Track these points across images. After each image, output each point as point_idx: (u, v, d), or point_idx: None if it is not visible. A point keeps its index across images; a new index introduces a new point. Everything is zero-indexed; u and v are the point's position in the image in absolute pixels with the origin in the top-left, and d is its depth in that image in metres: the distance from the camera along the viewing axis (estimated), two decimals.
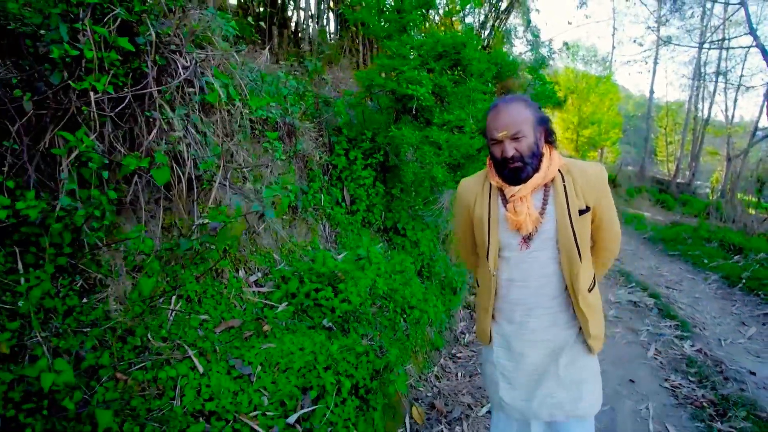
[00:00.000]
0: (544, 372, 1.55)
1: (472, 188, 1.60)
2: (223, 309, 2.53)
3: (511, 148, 1.40)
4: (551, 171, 1.45)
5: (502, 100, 1.46)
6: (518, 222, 1.44)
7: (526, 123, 1.40)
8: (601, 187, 1.45)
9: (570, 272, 1.44)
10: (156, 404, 1.81)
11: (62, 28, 1.69)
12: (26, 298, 1.72)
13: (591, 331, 1.49)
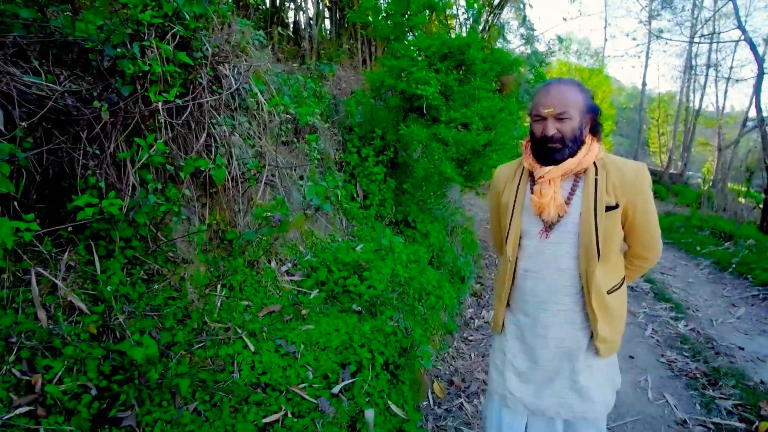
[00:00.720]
0: (557, 372, 1.51)
1: (505, 174, 1.58)
2: (262, 296, 2.78)
3: (553, 127, 1.35)
4: (587, 160, 1.39)
5: (556, 80, 1.43)
6: (541, 204, 1.40)
7: (574, 106, 1.35)
8: (637, 187, 1.37)
9: (586, 268, 1.39)
10: (220, 377, 2.06)
11: (135, 47, 1.92)
12: (107, 285, 1.96)
13: (600, 332, 1.43)
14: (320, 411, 2.08)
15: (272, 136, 3.13)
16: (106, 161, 2.12)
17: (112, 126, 2.04)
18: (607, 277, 1.41)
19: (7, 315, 1.71)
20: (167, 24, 2.05)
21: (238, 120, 2.50)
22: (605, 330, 1.44)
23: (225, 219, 2.77)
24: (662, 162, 26.65)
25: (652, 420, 2.73)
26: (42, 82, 2.00)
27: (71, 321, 1.86)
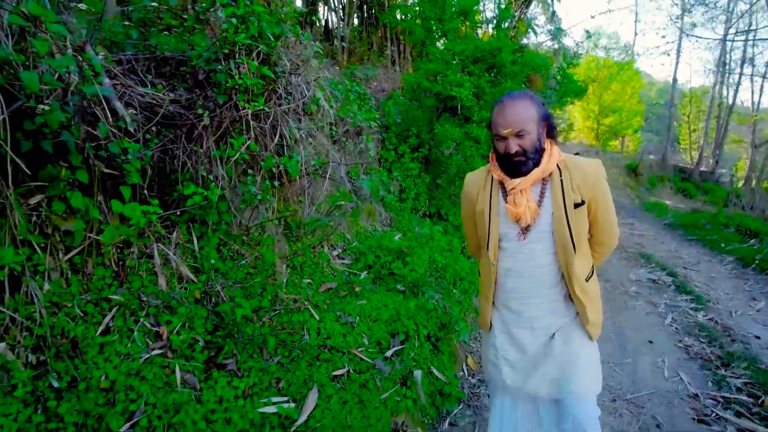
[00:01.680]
0: (543, 354, 1.61)
1: (476, 182, 1.66)
2: (320, 275, 3.20)
3: (515, 144, 1.43)
4: (550, 165, 1.49)
5: (508, 96, 1.49)
6: (518, 213, 1.49)
7: (530, 121, 1.43)
8: (595, 182, 1.48)
9: (565, 262, 1.50)
10: (295, 338, 2.48)
11: (231, 64, 2.34)
12: (207, 259, 2.40)
13: (589, 317, 1.54)
14: (377, 369, 2.48)
15: (326, 135, 3.54)
16: (201, 158, 2.55)
17: (207, 129, 2.47)
18: (582, 266, 1.53)
19: (138, 280, 2.16)
20: (254, 43, 2.46)
21: (304, 122, 2.91)
22: (593, 314, 1.55)
23: (290, 208, 3.19)
24: (692, 159, 26.06)
25: (666, 393, 3.03)
26: (152, 92, 2.44)
27: (181, 287, 2.31)
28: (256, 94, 2.53)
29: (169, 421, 1.78)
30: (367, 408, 2.18)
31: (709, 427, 2.68)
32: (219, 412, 1.89)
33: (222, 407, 1.91)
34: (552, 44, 14.25)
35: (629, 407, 2.91)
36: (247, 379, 2.10)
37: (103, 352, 1.86)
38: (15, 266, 1.67)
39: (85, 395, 1.70)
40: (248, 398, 2.02)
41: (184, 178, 2.51)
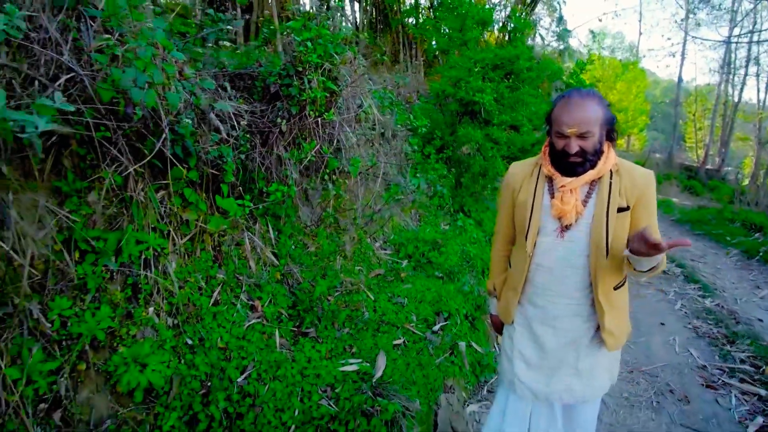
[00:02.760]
0: (562, 360, 1.59)
1: (521, 172, 1.63)
2: (368, 263, 3.61)
3: (576, 145, 1.40)
4: (604, 168, 1.46)
5: (577, 92, 1.45)
6: (564, 211, 1.47)
7: (596, 122, 1.39)
8: (643, 190, 1.45)
9: (595, 264, 1.46)
10: (358, 314, 2.89)
11: (305, 79, 2.76)
12: (284, 247, 2.82)
13: (606, 324, 1.51)
14: (428, 340, 2.89)
15: (369, 139, 3.95)
16: (274, 160, 2.97)
17: (281, 135, 2.89)
18: (614, 273, 1.48)
19: (231, 263, 2.58)
20: (320, 61, 2.87)
21: (357, 128, 3.33)
22: (612, 323, 1.51)
23: (342, 204, 3.61)
24: (699, 157, 26.22)
25: (677, 365, 3.42)
26: (236, 104, 2.86)
27: (266, 270, 2.72)
28: (320, 105, 2.95)
29: (274, 374, 2.19)
30: (425, 369, 2.59)
31: (716, 391, 3.07)
32: (309, 369, 2.30)
33: (311, 365, 2.33)
34: (558, 45, 14.62)
35: (645, 377, 3.30)
36: (326, 345, 2.52)
37: (216, 319, 2.28)
38: (156, 247, 2.09)
39: (209, 352, 2.12)
40: (330, 359, 2.43)
41: (259, 178, 2.93)
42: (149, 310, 2.00)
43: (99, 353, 1.81)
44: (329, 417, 2.09)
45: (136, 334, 1.92)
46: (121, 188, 2.02)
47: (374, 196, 3.51)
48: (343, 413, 2.09)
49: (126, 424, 1.76)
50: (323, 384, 2.25)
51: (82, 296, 1.81)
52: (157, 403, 1.85)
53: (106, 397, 1.77)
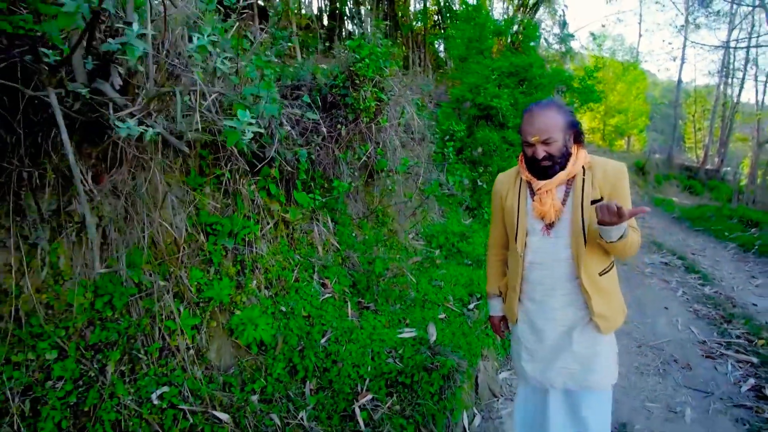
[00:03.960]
0: (561, 347, 1.68)
1: (506, 181, 1.77)
2: (404, 252, 4.07)
3: (542, 150, 1.53)
4: (575, 168, 1.58)
5: (537, 105, 1.58)
6: (543, 211, 1.61)
7: (556, 128, 1.52)
8: (615, 182, 1.57)
9: (576, 253, 1.59)
10: (405, 293, 3.35)
11: (361, 91, 3.21)
12: (341, 235, 3.27)
13: (594, 308, 1.60)
14: (465, 315, 3.35)
15: (403, 141, 4.41)
16: (332, 161, 3.43)
17: (339, 139, 3.35)
18: (596, 260, 1.60)
19: (302, 248, 3.04)
20: (373, 75, 3.33)
21: (399, 132, 3.79)
22: (601, 306, 1.61)
23: (384, 199, 4.07)
24: (698, 158, 26.64)
25: (680, 341, 3.88)
26: (300, 112, 3.32)
27: (330, 254, 3.18)
28: (371, 113, 3.41)
29: (348, 338, 2.65)
30: (468, 337, 3.04)
31: (714, 360, 3.53)
32: (375, 335, 2.76)
33: (376, 332, 2.78)
34: (559, 47, 15.10)
35: (652, 350, 3.75)
36: (385, 317, 2.98)
37: (299, 293, 2.74)
38: (256, 231, 2.55)
39: (297, 318, 2.57)
40: (389, 328, 2.89)
41: (318, 176, 3.39)
42: (253, 282, 2.46)
43: (223, 314, 2.26)
44: (396, 372, 2.54)
45: (246, 300, 2.38)
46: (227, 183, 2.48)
47: (415, 192, 3.97)
48: (408, 368, 2.55)
49: (245, 371, 2.22)
50: (388, 346, 2.70)
51: (208, 269, 2.27)
52: (267, 355, 2.31)
53: (230, 348, 2.23)
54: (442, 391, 2.53)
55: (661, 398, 3.05)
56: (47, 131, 1.61)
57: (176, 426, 1.84)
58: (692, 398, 3.04)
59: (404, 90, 3.73)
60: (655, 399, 3.04)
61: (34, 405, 1.63)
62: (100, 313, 1.85)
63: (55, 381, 1.68)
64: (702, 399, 3.03)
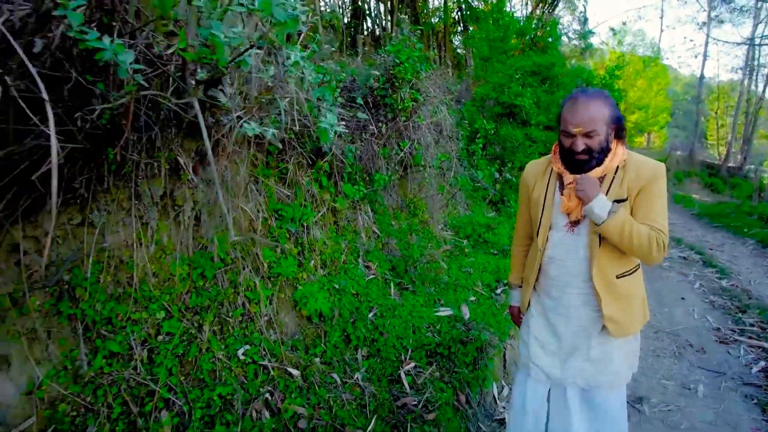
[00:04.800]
0: (575, 347, 1.65)
1: (535, 170, 1.70)
2: (435, 241, 4.37)
3: (582, 143, 1.44)
4: (611, 166, 1.49)
5: (583, 92, 1.48)
6: (569, 207, 1.54)
7: (601, 121, 1.42)
8: (646, 183, 1.47)
9: (591, 254, 1.54)
10: (438, 277, 3.66)
11: (400, 92, 3.52)
12: (381, 224, 3.60)
13: (605, 311, 1.54)
14: (494, 299, 3.64)
15: (434, 137, 4.71)
16: (372, 156, 3.75)
17: (380, 136, 3.66)
18: (613, 262, 1.54)
19: (347, 234, 3.37)
20: (411, 78, 3.64)
21: (432, 130, 4.09)
22: (611, 310, 1.55)
23: (417, 192, 4.38)
24: (720, 155, 26.23)
25: (696, 328, 4.11)
26: (348, 111, 3.64)
27: (371, 241, 3.51)
28: (408, 112, 3.71)
29: (392, 314, 2.97)
30: (497, 317, 3.34)
31: (727, 345, 3.76)
32: (414, 312, 3.08)
33: (415, 310, 3.10)
34: (579, 43, 15.14)
35: (668, 336, 4.00)
36: (422, 297, 3.29)
37: (347, 273, 3.08)
38: (312, 218, 2.88)
39: (348, 296, 2.91)
40: (426, 307, 3.21)
41: (358, 170, 3.71)
42: (311, 262, 2.80)
43: (288, 288, 2.61)
44: (435, 344, 2.86)
45: (306, 277, 2.72)
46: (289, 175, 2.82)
47: (446, 186, 4.28)
48: (445, 341, 2.86)
49: (308, 337, 2.56)
50: (426, 322, 3.02)
51: (275, 249, 2.61)
52: (325, 325, 2.65)
53: (295, 318, 2.57)
54: (475, 362, 2.84)
55: (676, 377, 3.31)
56: (161, 130, 1.95)
57: (257, 378, 2.19)
58: (705, 377, 3.29)
59: (436, 90, 4.02)
60: (670, 377, 3.30)
61: (150, 354, 1.99)
62: (195, 283, 2.21)
63: (165, 335, 2.04)
64: (714, 378, 3.28)
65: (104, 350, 1.88)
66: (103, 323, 1.91)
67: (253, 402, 2.08)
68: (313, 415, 2.14)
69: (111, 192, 1.93)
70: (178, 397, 1.94)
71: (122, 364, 1.91)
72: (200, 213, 2.23)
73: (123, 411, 1.85)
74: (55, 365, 1.81)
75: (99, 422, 1.79)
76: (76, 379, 1.83)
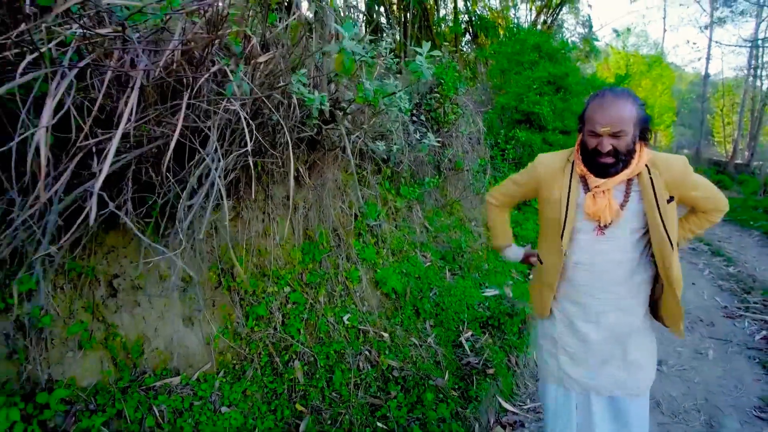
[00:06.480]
0: (610, 354, 1.60)
1: (551, 165, 1.61)
2: (472, 235, 4.97)
3: (609, 144, 1.39)
4: (638, 167, 1.45)
5: (611, 91, 1.44)
6: (596, 212, 1.47)
7: (629, 121, 1.38)
8: (683, 177, 1.46)
9: (663, 261, 1.45)
10: (480, 265, 4.25)
11: (443, 107, 4.13)
12: (431, 220, 4.20)
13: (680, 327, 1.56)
14: (528, 282, 4.22)
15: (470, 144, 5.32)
16: (420, 162, 4.36)
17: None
18: (678, 264, 1.49)
19: (407, 230, 3.97)
20: (452, 93, 4.25)
21: (469, 137, 4.71)
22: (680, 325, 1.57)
23: (448, 192, 4.99)
24: (727, 152, 26.50)
25: (705, 306, 4.66)
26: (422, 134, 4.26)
27: (423, 234, 4.11)
28: (449, 123, 4.33)
29: (448, 294, 3.57)
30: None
31: (733, 319, 4.31)
32: (467, 292, 3.67)
33: (467, 291, 3.69)
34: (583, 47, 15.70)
35: None
36: (470, 281, 3.89)
37: (409, 261, 3.68)
38: (382, 215, 3.49)
39: (412, 278, 3.51)
40: (475, 288, 3.80)
41: (408, 174, 4.32)
42: (384, 251, 3.41)
43: (371, 271, 3.22)
44: (486, 317, 3.45)
45: (382, 263, 3.33)
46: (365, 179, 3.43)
47: (482, 188, 4.89)
48: (494, 315, 3.45)
49: (388, 310, 3.17)
50: (477, 300, 3.61)
51: (359, 239, 3.23)
52: (400, 301, 3.25)
53: (377, 294, 3.18)
54: (520, 332, 3.43)
55: (689, 345, 3.86)
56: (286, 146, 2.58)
57: (357, 340, 2.79)
58: (714, 345, 3.84)
59: (470, 103, 4.63)
60: (684, 345, 3.85)
61: (284, 318, 2.61)
62: (307, 265, 2.82)
63: (292, 304, 2.66)
64: (722, 345, 3.83)
65: (253, 315, 2.49)
66: (250, 295, 2.53)
67: (359, 356, 2.69)
68: (403, 367, 2.74)
69: (252, 194, 2.56)
70: (307, 350, 2.55)
71: (266, 326, 2.52)
72: (308, 210, 2.85)
73: (268, 360, 2.46)
74: (220, 325, 2.43)
75: (253, 367, 2.40)
76: (235, 335, 2.44)
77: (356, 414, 2.38)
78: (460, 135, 4.53)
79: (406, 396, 2.57)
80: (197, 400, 2.12)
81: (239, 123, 1.84)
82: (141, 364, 2.09)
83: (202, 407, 2.09)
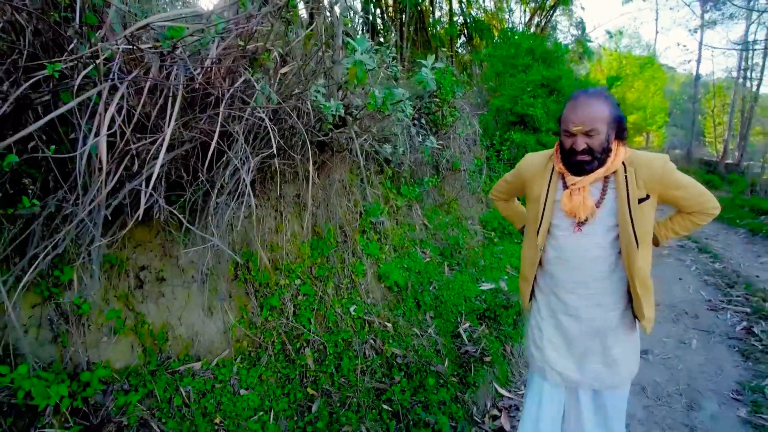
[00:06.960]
0: (589, 349, 1.64)
1: (535, 164, 1.67)
2: (468, 233, 5.17)
3: (583, 142, 1.44)
4: (614, 165, 1.49)
5: (585, 92, 1.48)
6: (571, 208, 1.52)
7: (601, 120, 1.43)
8: (662, 175, 1.48)
9: (628, 258, 1.49)
10: (477, 260, 4.45)
11: (441, 110, 4.32)
12: (429, 218, 4.40)
13: (646, 313, 1.55)
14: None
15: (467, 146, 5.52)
16: (419, 162, 4.55)
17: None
18: (645, 261, 1.51)
19: (407, 227, 4.16)
20: (450, 98, 4.45)
21: (465, 139, 4.90)
22: (649, 309, 1.57)
23: (451, 192, 5.19)
24: (718, 152, 26.89)
25: (691, 300, 4.89)
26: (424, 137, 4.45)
27: (422, 231, 4.31)
28: (448, 126, 4.53)
29: (447, 287, 3.77)
30: None
31: (716, 312, 4.54)
32: (464, 286, 3.87)
33: (464, 284, 3.89)
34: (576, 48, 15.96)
35: (667, 307, 4.78)
36: (467, 276, 4.09)
37: (410, 257, 3.87)
38: (384, 212, 3.68)
39: (413, 273, 3.70)
40: (472, 283, 4.00)
41: (408, 174, 4.51)
42: (386, 247, 3.60)
43: (375, 266, 3.41)
44: (483, 309, 3.65)
45: (385, 258, 3.52)
46: (367, 179, 3.62)
47: (478, 187, 5.10)
48: (491, 307, 3.65)
49: (390, 302, 3.36)
50: (474, 294, 3.81)
51: (363, 235, 3.42)
52: (401, 294, 3.45)
53: (381, 288, 3.37)
54: (515, 323, 3.63)
55: (673, 335, 4.09)
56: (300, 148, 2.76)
57: (363, 329, 2.98)
58: (697, 335, 4.07)
59: (466, 106, 4.83)
60: (669, 336, 4.08)
61: (295, 309, 2.79)
62: (316, 260, 3.01)
63: (303, 296, 2.84)
64: (705, 335, 4.06)
65: (267, 305, 2.68)
66: (264, 287, 2.71)
67: (365, 344, 2.87)
68: (406, 355, 2.93)
69: (266, 192, 2.74)
70: (317, 338, 2.73)
71: (278, 315, 2.71)
72: (317, 208, 3.04)
73: (281, 347, 2.64)
74: (237, 315, 2.60)
75: (268, 354, 2.59)
76: (250, 325, 2.62)
77: (363, 397, 2.57)
78: (457, 136, 4.72)
79: (409, 381, 2.77)
80: (218, 383, 2.30)
81: (260, 128, 2.02)
82: (166, 350, 2.27)
83: (222, 389, 2.27)
